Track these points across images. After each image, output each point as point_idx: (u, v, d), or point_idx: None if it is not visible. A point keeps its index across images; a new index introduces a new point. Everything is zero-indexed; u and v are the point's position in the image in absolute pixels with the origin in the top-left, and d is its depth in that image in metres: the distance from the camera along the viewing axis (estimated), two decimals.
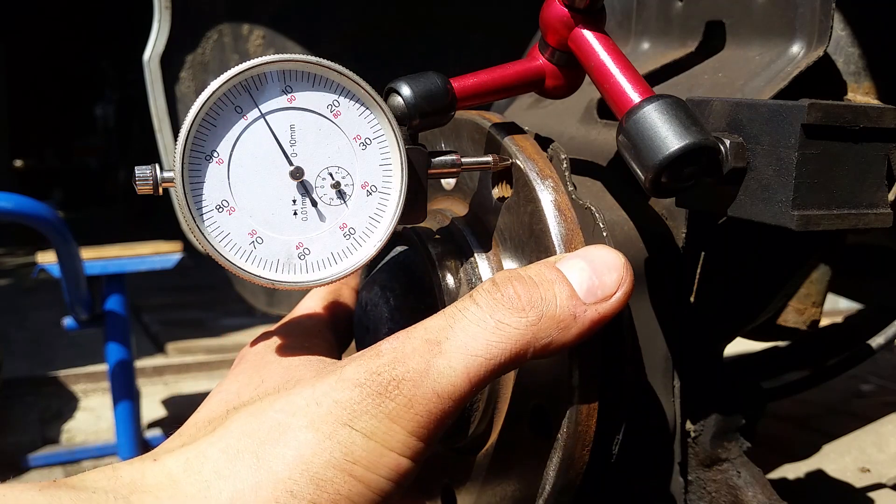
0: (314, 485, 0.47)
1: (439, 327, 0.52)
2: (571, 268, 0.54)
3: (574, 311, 0.53)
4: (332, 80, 0.56)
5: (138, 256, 2.53)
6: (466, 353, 0.50)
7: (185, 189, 0.54)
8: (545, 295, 0.52)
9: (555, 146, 0.67)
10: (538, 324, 0.52)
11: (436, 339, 0.51)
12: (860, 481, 1.60)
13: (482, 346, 0.51)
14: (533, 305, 0.52)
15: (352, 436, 0.48)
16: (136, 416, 2.67)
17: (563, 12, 0.63)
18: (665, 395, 0.74)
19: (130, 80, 7.87)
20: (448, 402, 0.50)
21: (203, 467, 0.48)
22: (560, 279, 0.53)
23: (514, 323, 0.51)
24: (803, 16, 0.74)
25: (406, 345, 0.51)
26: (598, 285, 0.54)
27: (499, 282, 0.53)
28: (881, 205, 0.63)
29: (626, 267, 0.55)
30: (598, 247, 0.56)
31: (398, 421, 0.49)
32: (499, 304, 0.52)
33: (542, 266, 0.55)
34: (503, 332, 0.51)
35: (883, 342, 1.12)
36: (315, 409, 0.49)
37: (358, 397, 0.49)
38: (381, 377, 0.50)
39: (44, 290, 5.11)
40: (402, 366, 0.50)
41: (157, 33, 1.65)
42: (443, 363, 0.50)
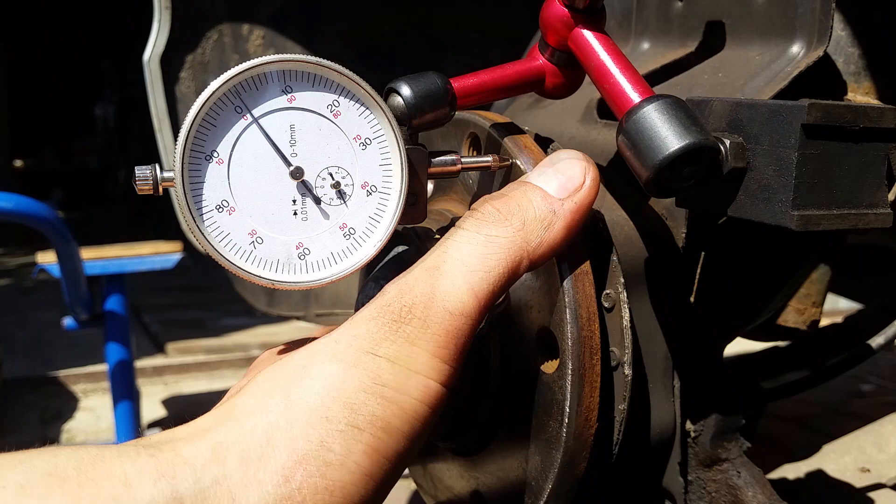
0: (349, 409, 0.48)
1: (435, 255, 0.54)
2: (538, 176, 0.58)
3: (552, 208, 0.56)
4: (332, 80, 0.56)
5: (138, 256, 2.53)
6: (465, 270, 0.53)
7: (185, 189, 0.54)
8: (521, 202, 0.56)
9: (555, 146, 0.67)
10: (524, 228, 0.55)
11: (434, 265, 0.53)
12: (860, 481, 1.60)
13: (478, 261, 0.53)
14: (512, 213, 0.55)
15: (376, 361, 0.49)
16: (136, 416, 2.66)
17: (563, 12, 0.63)
18: (665, 395, 0.74)
19: (130, 80, 7.87)
20: (461, 319, 0.51)
21: (233, 412, 0.49)
22: (530, 187, 0.57)
23: (501, 233, 0.54)
24: (803, 16, 0.74)
25: (408, 277, 0.53)
26: (565, 180, 0.57)
27: (476, 206, 0.57)
28: (881, 205, 0.63)
29: (586, 158, 0.59)
30: (556, 152, 0.60)
31: (418, 343, 0.50)
32: (482, 221, 0.55)
33: (512, 184, 0.59)
34: (494, 243, 0.54)
35: (883, 342, 1.12)
36: (335, 346, 0.50)
37: (375, 328, 0.51)
38: (392, 307, 0.51)
39: (44, 290, 5.11)
40: (408, 294, 0.52)
41: (157, 33, 1.65)
42: (446, 283, 0.52)
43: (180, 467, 0.45)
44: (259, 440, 0.47)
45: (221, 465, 0.46)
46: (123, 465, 0.44)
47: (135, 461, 0.45)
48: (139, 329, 4.21)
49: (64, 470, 0.43)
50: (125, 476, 0.44)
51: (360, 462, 0.47)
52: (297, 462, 0.46)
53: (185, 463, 0.45)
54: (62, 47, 10.43)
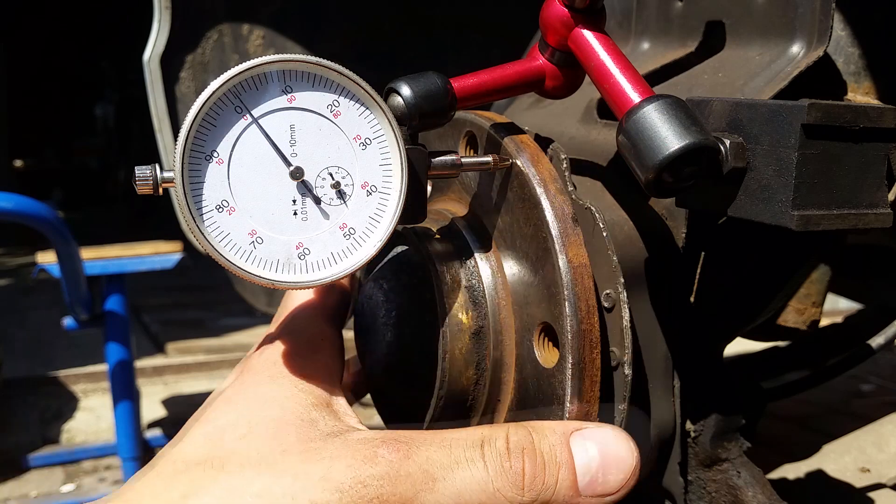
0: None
1: (441, 464, 0.53)
2: (583, 452, 0.55)
3: (568, 502, 0.54)
4: (332, 80, 0.56)
5: (138, 256, 2.53)
6: (456, 502, 0.52)
7: (185, 189, 0.54)
8: (548, 480, 0.54)
9: (555, 146, 0.67)
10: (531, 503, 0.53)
11: (434, 474, 0.52)
12: (860, 481, 1.60)
13: (473, 503, 0.52)
14: (534, 488, 0.53)
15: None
16: (136, 416, 2.66)
17: (563, 12, 0.63)
18: (665, 395, 0.74)
19: (130, 80, 7.86)
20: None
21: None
22: (567, 465, 0.55)
23: (510, 497, 0.53)
24: (803, 16, 0.74)
25: (402, 466, 0.52)
26: (600, 482, 0.55)
27: (513, 450, 0.54)
28: (881, 205, 0.63)
29: (635, 470, 0.56)
30: (617, 435, 0.57)
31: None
32: (505, 474, 0.53)
33: (556, 441, 0.55)
34: (496, 500, 0.52)
35: (883, 342, 1.12)
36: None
37: (334, 502, 0.50)
38: (367, 490, 0.50)
39: (44, 290, 5.11)
40: (390, 486, 0.51)
41: (157, 33, 1.65)
42: (430, 500, 0.51)
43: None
44: None
45: None
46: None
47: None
48: (139, 329, 4.21)
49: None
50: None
51: None
52: None
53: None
54: (62, 47, 10.43)
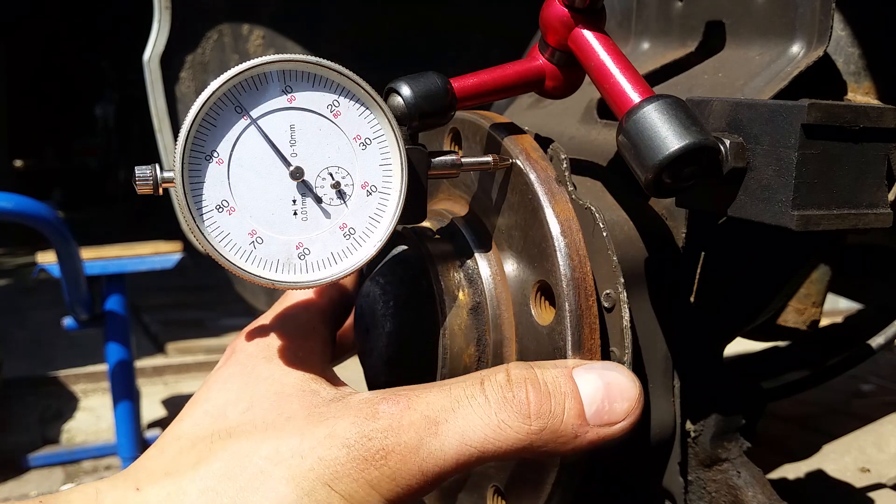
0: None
1: (441, 407, 0.52)
2: (587, 383, 0.55)
3: (577, 431, 0.53)
4: (332, 80, 0.56)
5: (138, 256, 2.53)
6: (462, 442, 0.51)
7: (185, 189, 0.54)
8: (554, 408, 0.53)
9: (555, 146, 0.67)
10: (540, 434, 0.52)
11: (435, 418, 0.51)
12: (860, 481, 1.60)
13: (479, 440, 0.51)
14: (540, 416, 0.52)
15: (330, 496, 0.49)
16: (136, 416, 2.66)
17: (563, 12, 0.63)
18: (665, 395, 0.74)
19: (130, 80, 7.87)
20: (431, 479, 0.51)
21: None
22: (573, 394, 0.54)
23: (516, 427, 0.52)
24: (803, 16, 0.74)
25: (404, 416, 0.51)
26: (606, 410, 0.54)
27: (514, 380, 0.53)
28: (881, 205, 0.63)
29: (639, 399, 0.55)
30: (618, 368, 0.57)
31: (378, 489, 0.50)
32: (507, 404, 0.52)
33: (559, 373, 0.55)
34: (504, 432, 0.51)
35: (883, 342, 1.12)
36: (299, 463, 0.50)
37: (343, 458, 0.50)
38: (372, 443, 0.50)
39: (44, 290, 5.11)
40: (394, 436, 0.50)
41: (157, 33, 1.65)
42: (436, 444, 0.51)
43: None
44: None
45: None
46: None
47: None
48: (139, 329, 4.21)
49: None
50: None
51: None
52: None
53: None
54: (62, 47, 10.43)
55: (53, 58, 10.43)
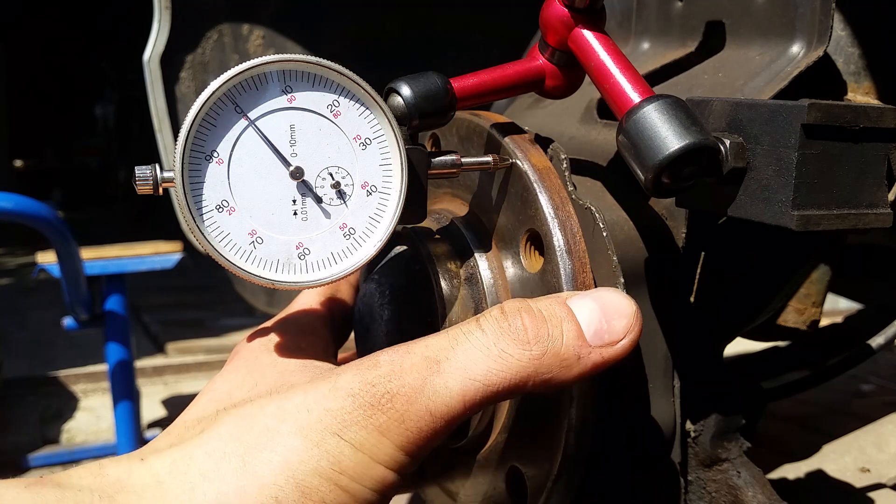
0: (299, 492, 0.47)
1: (440, 346, 0.51)
2: (582, 307, 0.54)
3: (578, 352, 0.52)
4: (332, 80, 0.56)
5: (138, 256, 2.53)
6: (465, 376, 0.50)
7: (185, 189, 0.54)
8: (552, 331, 0.52)
9: (555, 146, 0.67)
10: (541, 359, 0.51)
11: (436, 357, 0.51)
12: (860, 481, 1.60)
13: (482, 372, 0.50)
14: (539, 340, 0.52)
15: (340, 445, 0.48)
16: (136, 416, 2.66)
17: (563, 12, 0.63)
18: (665, 395, 0.74)
19: (130, 80, 7.86)
20: (440, 422, 0.50)
21: (189, 469, 0.48)
22: (569, 317, 0.53)
23: (517, 354, 0.51)
24: (803, 16, 0.74)
25: (405, 359, 0.51)
26: (605, 329, 0.53)
27: (507, 311, 0.53)
28: (881, 205, 0.63)
29: (637, 315, 0.54)
30: (610, 290, 0.56)
31: (388, 434, 0.49)
32: (505, 333, 0.52)
33: (552, 301, 0.54)
34: (505, 361, 0.51)
35: (883, 342, 1.12)
36: (305, 416, 0.49)
37: (350, 407, 0.49)
38: (376, 389, 0.50)
39: (44, 290, 5.11)
40: (398, 379, 0.50)
41: (157, 33, 1.65)
42: (440, 382, 0.50)
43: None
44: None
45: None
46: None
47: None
48: (139, 329, 4.21)
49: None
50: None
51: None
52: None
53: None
54: (62, 47, 10.43)
55: (53, 58, 10.43)
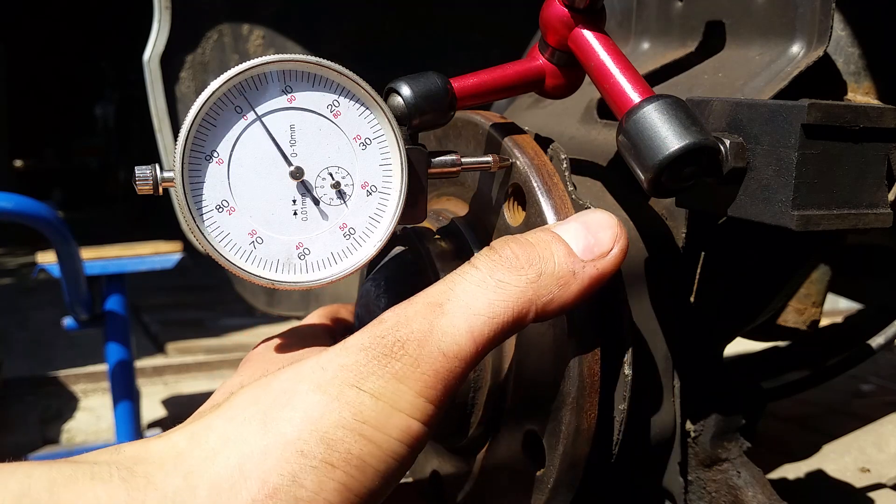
0: (324, 444, 0.47)
1: (440, 291, 0.52)
2: (566, 230, 0.56)
3: (573, 268, 0.54)
4: (332, 80, 0.56)
5: (138, 256, 2.53)
6: (469, 313, 0.51)
7: (185, 189, 0.54)
8: (543, 253, 0.53)
9: (555, 146, 0.67)
10: (538, 281, 0.52)
11: (437, 301, 0.51)
12: (860, 481, 1.60)
13: (484, 305, 0.51)
14: (531, 263, 0.53)
15: (360, 396, 0.48)
16: (136, 416, 2.66)
17: (563, 12, 0.63)
18: (665, 395, 0.74)
19: (130, 80, 7.86)
20: (454, 362, 0.50)
21: (209, 436, 0.48)
22: (556, 239, 0.55)
23: (514, 281, 0.52)
24: (803, 16, 0.74)
25: (408, 309, 0.51)
26: (594, 243, 0.55)
27: (496, 246, 0.54)
28: (881, 205, 0.63)
29: (620, 225, 0.56)
30: (590, 210, 0.57)
31: (405, 381, 0.49)
32: (497, 264, 0.53)
33: (537, 230, 0.56)
34: (504, 290, 0.52)
35: (883, 342, 1.12)
36: (321, 374, 0.49)
37: (363, 360, 0.49)
38: (386, 340, 0.50)
39: (44, 290, 5.11)
40: (405, 328, 0.50)
41: (157, 33, 1.65)
42: (446, 322, 0.50)
43: (151, 493, 0.45)
44: (231, 469, 0.46)
45: (192, 494, 0.45)
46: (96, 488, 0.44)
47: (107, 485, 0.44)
48: (139, 329, 4.21)
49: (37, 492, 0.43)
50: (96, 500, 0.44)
51: (331, 500, 0.47)
52: (268, 496, 0.45)
53: (155, 489, 0.45)
54: (62, 47, 10.43)
55: (53, 58, 10.43)
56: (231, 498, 0.45)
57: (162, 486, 0.45)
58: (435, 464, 0.80)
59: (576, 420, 0.61)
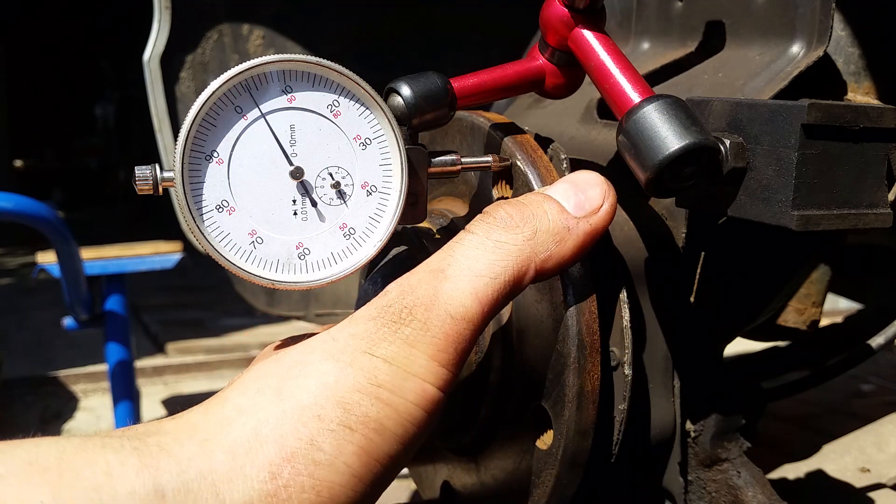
0: (341, 408, 0.47)
1: (439, 258, 0.53)
2: (556, 190, 0.57)
3: (567, 224, 0.55)
4: (332, 80, 0.56)
5: (138, 256, 2.53)
6: (471, 274, 0.51)
7: (185, 189, 0.54)
8: (536, 212, 0.55)
9: (555, 146, 0.67)
10: (534, 237, 0.53)
11: (439, 267, 0.52)
12: (860, 481, 1.60)
13: (485, 266, 0.52)
14: (526, 221, 0.54)
15: (373, 362, 0.49)
16: (136, 416, 2.66)
17: (563, 12, 0.63)
18: (665, 395, 0.74)
19: (130, 80, 7.87)
20: (462, 324, 0.50)
21: (223, 407, 0.48)
22: (547, 199, 0.56)
23: (511, 240, 0.53)
24: (803, 16, 0.74)
25: (411, 279, 0.52)
26: (584, 200, 0.56)
27: (489, 210, 0.55)
28: (881, 205, 0.63)
29: (607, 182, 0.57)
30: (577, 172, 0.59)
31: (416, 345, 0.49)
32: (493, 226, 0.54)
33: (527, 193, 0.58)
34: (503, 249, 0.52)
35: (883, 342, 1.12)
36: (332, 344, 0.50)
37: (374, 328, 0.50)
38: (393, 308, 0.50)
39: (44, 290, 5.11)
40: (410, 295, 0.51)
41: (157, 33, 1.65)
42: (450, 286, 0.51)
43: (164, 459, 0.45)
44: (248, 435, 0.46)
45: (208, 460, 0.45)
46: (106, 455, 0.44)
47: (118, 452, 0.44)
48: (139, 329, 4.21)
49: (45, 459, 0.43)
50: (107, 466, 0.43)
51: (350, 463, 0.47)
52: (286, 459, 0.45)
53: (169, 455, 0.45)
54: (62, 47, 10.43)
55: (53, 58, 10.43)
56: (249, 462, 0.45)
57: (177, 454, 0.45)
58: (444, 473, 0.80)
59: (578, 381, 0.61)
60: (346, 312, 1.77)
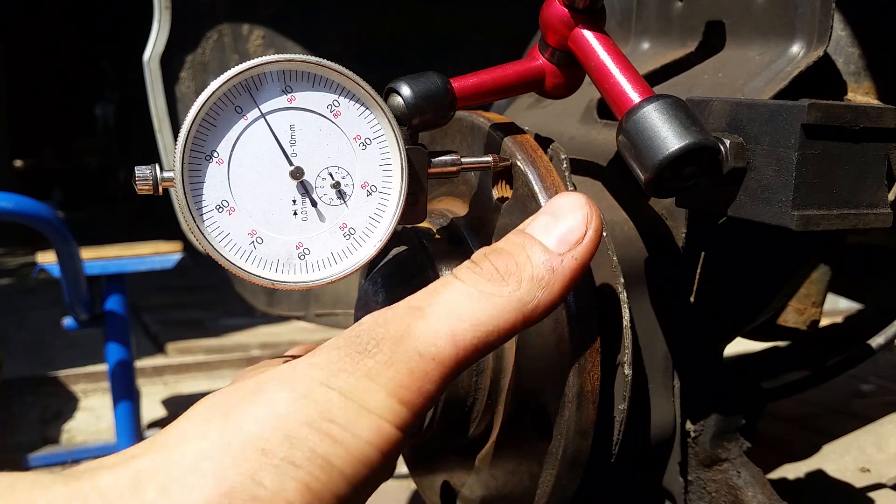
0: (288, 442, 0.44)
1: (423, 296, 0.51)
2: (536, 226, 0.55)
3: (551, 265, 0.53)
4: (332, 80, 0.56)
5: (138, 256, 2.53)
6: (452, 317, 0.49)
7: (185, 189, 0.54)
8: (518, 260, 0.53)
9: (555, 146, 0.67)
10: (520, 289, 0.52)
11: (419, 305, 0.50)
12: (860, 481, 1.60)
13: (468, 312, 0.50)
14: (510, 273, 0.52)
15: (328, 394, 0.46)
16: (136, 416, 2.66)
17: (563, 12, 0.63)
18: (665, 395, 0.74)
19: (130, 80, 7.87)
20: (430, 363, 0.48)
21: (167, 437, 0.46)
22: (529, 241, 0.54)
23: (496, 291, 0.51)
24: (803, 16, 0.74)
25: (387, 312, 0.50)
26: (566, 231, 0.54)
27: (476, 259, 0.54)
28: (881, 205, 0.63)
29: (589, 204, 0.55)
30: (558, 195, 0.57)
31: (377, 379, 0.47)
32: (479, 277, 0.52)
33: (511, 235, 0.55)
34: (488, 301, 0.51)
35: (883, 342, 1.12)
36: (290, 372, 0.47)
37: (335, 357, 0.48)
38: (360, 339, 0.48)
39: (44, 290, 5.11)
40: (382, 327, 0.49)
41: (157, 33, 1.65)
42: (423, 325, 0.49)
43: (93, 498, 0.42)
44: (185, 467, 0.44)
45: (138, 496, 0.43)
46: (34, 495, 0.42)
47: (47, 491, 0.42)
48: (139, 329, 4.21)
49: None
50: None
51: (292, 500, 0.44)
52: (223, 495, 0.43)
53: (99, 493, 0.43)
54: (62, 47, 10.43)
55: (53, 58, 10.43)
56: (182, 498, 0.43)
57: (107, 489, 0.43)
58: (444, 474, 0.80)
59: (578, 381, 0.61)
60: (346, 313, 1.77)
